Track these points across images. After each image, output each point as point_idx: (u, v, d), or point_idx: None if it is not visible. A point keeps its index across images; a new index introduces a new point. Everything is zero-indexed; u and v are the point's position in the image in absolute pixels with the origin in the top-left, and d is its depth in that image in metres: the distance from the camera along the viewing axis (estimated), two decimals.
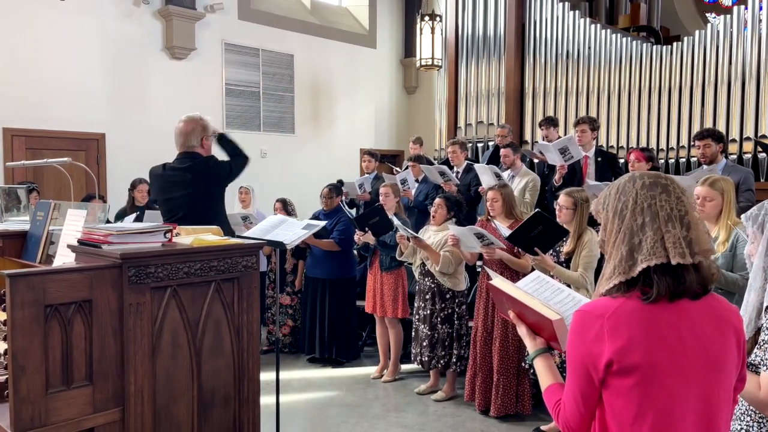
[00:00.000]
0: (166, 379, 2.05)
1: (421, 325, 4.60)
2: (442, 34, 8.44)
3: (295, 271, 5.84)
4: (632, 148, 6.59)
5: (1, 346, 2.09)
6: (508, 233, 3.97)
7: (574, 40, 7.55)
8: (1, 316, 2.20)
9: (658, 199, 1.34)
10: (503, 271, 4.12)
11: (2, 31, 6.28)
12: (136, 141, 7.04)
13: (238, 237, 2.82)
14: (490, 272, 2.23)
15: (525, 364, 4.10)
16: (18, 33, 6.36)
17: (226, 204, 3.54)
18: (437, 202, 4.67)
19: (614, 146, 7.18)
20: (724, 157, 4.85)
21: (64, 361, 1.83)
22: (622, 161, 6.34)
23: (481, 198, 5.51)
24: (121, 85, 7.08)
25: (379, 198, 5.16)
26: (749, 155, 6.20)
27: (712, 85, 6.54)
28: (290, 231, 3.70)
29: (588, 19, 7.65)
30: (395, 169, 7.39)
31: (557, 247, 3.90)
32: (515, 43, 7.91)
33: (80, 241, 2.08)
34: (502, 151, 5.86)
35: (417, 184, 6.19)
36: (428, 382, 4.80)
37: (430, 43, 8.33)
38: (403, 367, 5.23)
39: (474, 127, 8.36)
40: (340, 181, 6.31)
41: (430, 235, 4.60)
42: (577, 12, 7.63)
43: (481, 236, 4.03)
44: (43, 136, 6.59)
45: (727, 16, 6.50)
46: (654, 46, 7.18)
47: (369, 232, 4.87)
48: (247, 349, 2.26)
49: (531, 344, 1.63)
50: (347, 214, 5.32)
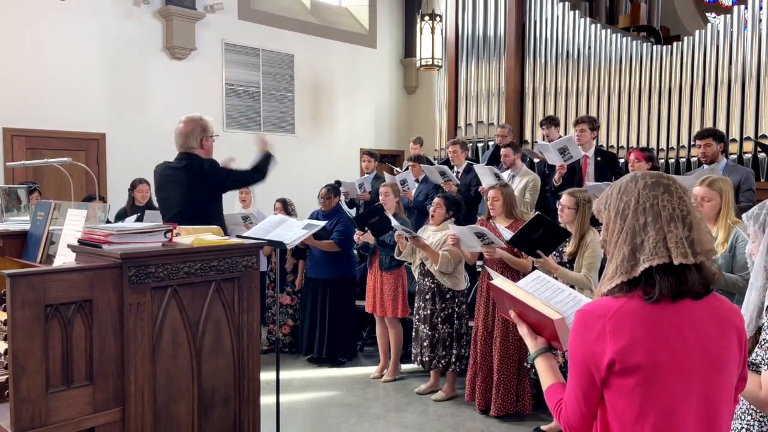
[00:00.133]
0: (167, 379, 2.05)
1: (422, 326, 4.59)
2: (442, 34, 8.44)
3: (295, 271, 5.84)
4: (632, 148, 6.59)
5: (2, 346, 2.09)
6: (507, 233, 3.97)
7: (574, 40, 7.55)
8: (1, 316, 2.20)
9: (660, 199, 1.34)
10: (504, 271, 4.11)
11: (2, 31, 6.27)
12: (136, 141, 7.03)
13: (239, 237, 2.82)
14: (491, 272, 2.23)
15: (527, 364, 4.10)
16: (18, 33, 6.36)
17: (227, 204, 3.53)
18: (436, 201, 4.68)
19: (614, 146, 7.18)
20: (724, 156, 4.85)
21: (64, 361, 1.83)
22: (622, 161, 6.34)
23: (481, 198, 5.52)
24: (121, 85, 7.07)
25: (379, 198, 5.17)
26: (749, 155, 6.20)
27: (713, 85, 6.53)
28: (290, 231, 3.70)
29: (588, 19, 7.65)
30: (395, 169, 7.39)
31: (560, 248, 3.89)
32: (515, 43, 7.90)
33: (80, 241, 2.08)
34: (503, 151, 5.86)
35: (417, 184, 6.19)
36: (428, 381, 4.80)
37: (430, 43, 8.33)
38: (403, 367, 5.24)
39: (474, 127, 8.36)
40: (338, 182, 6.33)
41: (428, 235, 4.60)
42: (577, 12, 7.62)
43: (481, 235, 4.03)
44: (43, 136, 6.59)
45: (727, 16, 6.50)
46: (654, 46, 7.18)
47: (368, 231, 4.87)
48: (248, 348, 2.26)
49: (532, 344, 1.63)
50: (346, 214, 5.32)
